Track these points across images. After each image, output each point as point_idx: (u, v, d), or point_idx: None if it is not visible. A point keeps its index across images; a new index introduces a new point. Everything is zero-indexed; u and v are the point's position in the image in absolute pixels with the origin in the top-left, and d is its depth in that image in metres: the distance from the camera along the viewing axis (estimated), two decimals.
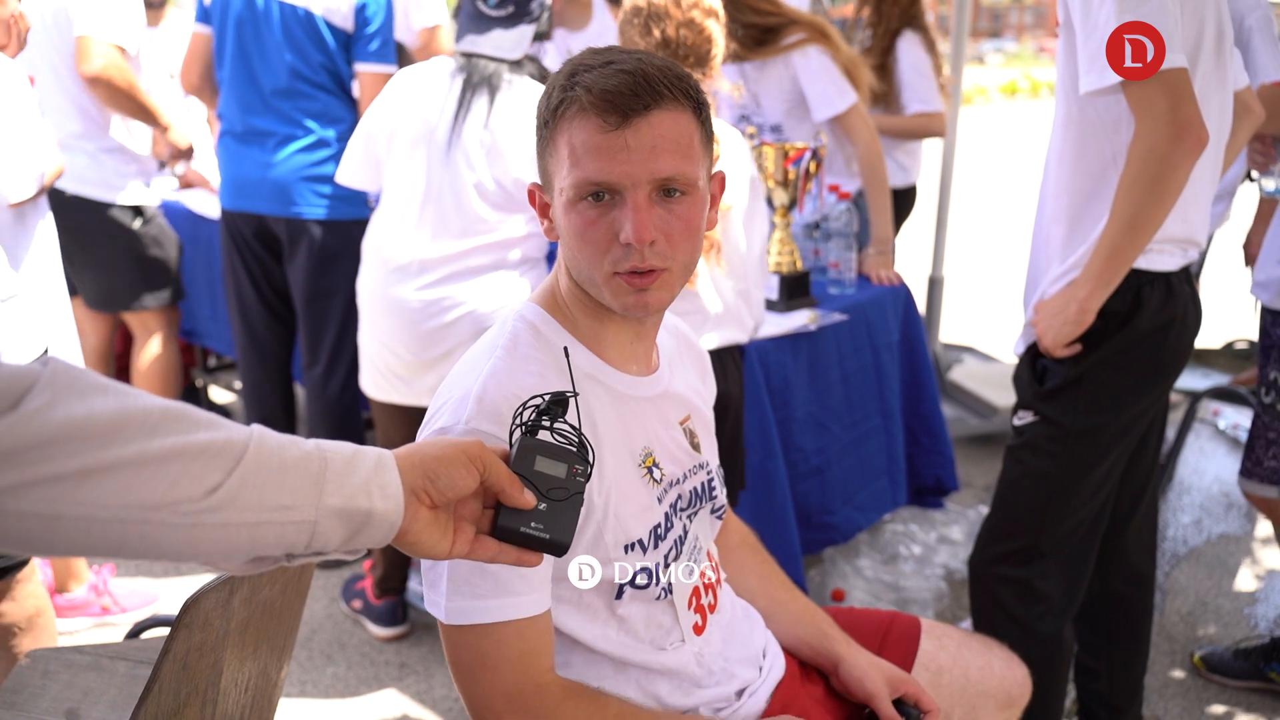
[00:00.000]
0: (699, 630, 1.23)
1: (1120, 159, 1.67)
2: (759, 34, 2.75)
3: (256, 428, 0.77)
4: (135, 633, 1.75)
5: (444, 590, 1.06)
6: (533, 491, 0.87)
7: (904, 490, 2.69)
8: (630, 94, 1.02)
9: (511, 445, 0.91)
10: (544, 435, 0.92)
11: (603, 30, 3.59)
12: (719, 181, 1.18)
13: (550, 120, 1.08)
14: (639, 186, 1.04)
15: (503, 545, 0.88)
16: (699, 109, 1.09)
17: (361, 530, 0.79)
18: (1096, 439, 1.80)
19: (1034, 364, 1.85)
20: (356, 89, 2.81)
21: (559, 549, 0.88)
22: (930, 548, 3.00)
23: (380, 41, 2.72)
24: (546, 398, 0.92)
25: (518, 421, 0.91)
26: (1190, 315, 1.80)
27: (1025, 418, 1.87)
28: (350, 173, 2.45)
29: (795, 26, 2.75)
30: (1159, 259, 1.73)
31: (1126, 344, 1.74)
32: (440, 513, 0.85)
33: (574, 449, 0.91)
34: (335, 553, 0.81)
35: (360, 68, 2.73)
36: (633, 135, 1.03)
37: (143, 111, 2.95)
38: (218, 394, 4.10)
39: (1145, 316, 1.73)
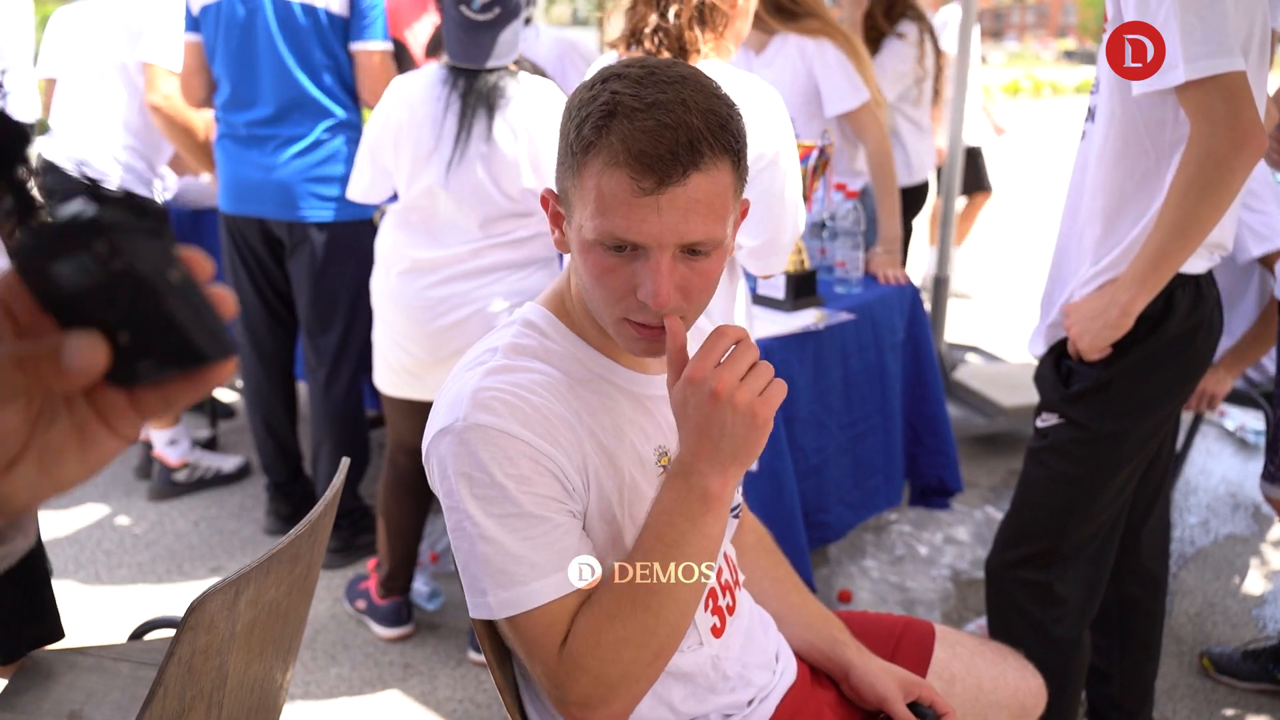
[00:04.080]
0: (717, 632, 1.21)
1: (1164, 160, 1.63)
2: (788, 3, 2.73)
3: None
4: (139, 634, 1.74)
5: (472, 587, 1.06)
6: (91, 331, 0.47)
7: (898, 490, 2.68)
8: (670, 157, 0.96)
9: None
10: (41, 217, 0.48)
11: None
12: (743, 211, 1.13)
13: (579, 153, 1.01)
14: (665, 248, 1.00)
15: (149, 391, 0.51)
16: (738, 157, 1.04)
17: None
18: (1122, 443, 1.77)
19: (1058, 366, 1.82)
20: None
21: (204, 353, 0.49)
22: (936, 548, 2.99)
23: (373, 19, 2.69)
24: None
25: None
26: (1216, 319, 1.77)
27: (1049, 420, 1.83)
28: (362, 188, 2.43)
29: (820, 19, 2.74)
30: (1190, 262, 1.69)
31: (1156, 348, 1.71)
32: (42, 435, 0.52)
33: (79, 218, 0.46)
34: None
35: (356, 47, 2.70)
36: (667, 201, 0.98)
37: (196, 150, 3.05)
38: (219, 392, 4.09)
39: (1175, 320, 1.70)
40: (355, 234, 2.79)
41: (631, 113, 0.98)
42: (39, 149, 0.53)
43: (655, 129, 0.97)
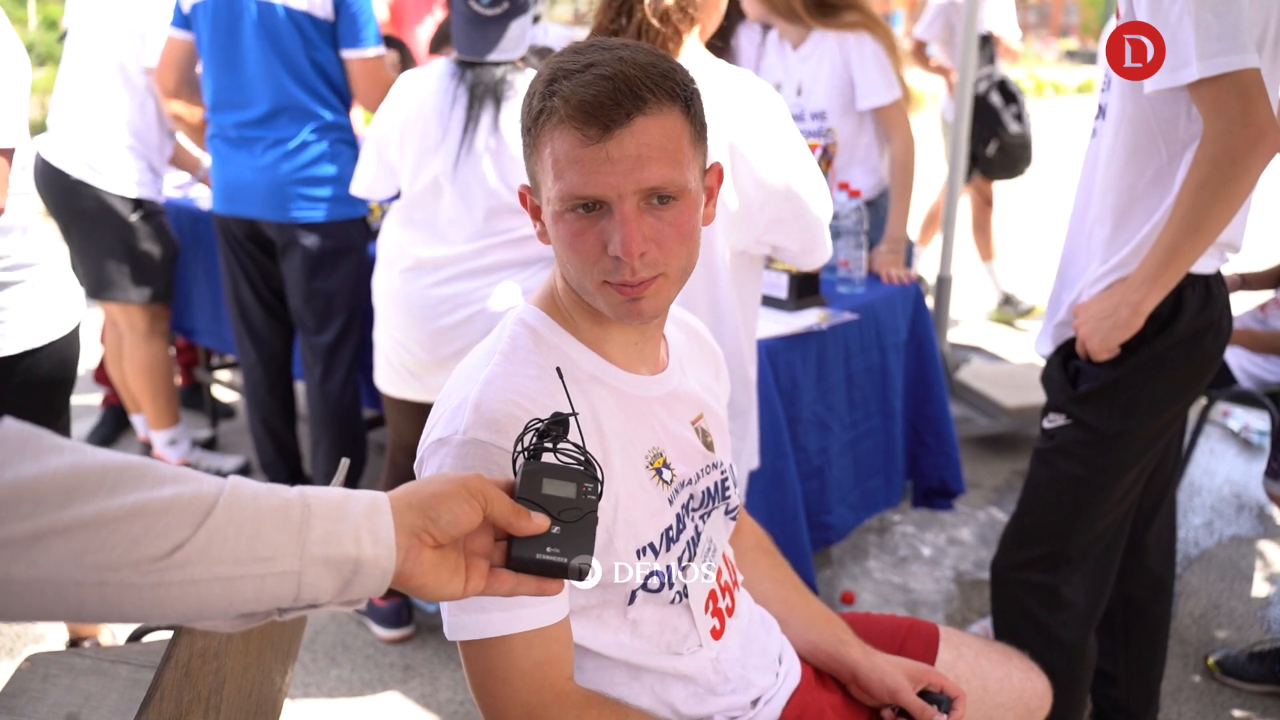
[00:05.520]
0: (717, 634, 1.20)
1: (1176, 158, 1.62)
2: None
3: (232, 479, 0.73)
4: (137, 636, 1.73)
5: (448, 605, 1.04)
6: (543, 515, 0.83)
7: (898, 491, 2.67)
8: (611, 104, 0.98)
9: (515, 473, 0.86)
10: (548, 458, 0.88)
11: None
12: (715, 174, 1.14)
13: (532, 128, 1.04)
14: (625, 198, 1.00)
15: (520, 576, 0.83)
16: (688, 105, 1.04)
17: (353, 579, 0.74)
18: (1130, 444, 1.76)
19: (1066, 366, 1.81)
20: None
21: (579, 572, 0.83)
22: (940, 549, 2.98)
23: (363, 24, 2.67)
24: (545, 420, 0.88)
25: (519, 449, 0.87)
26: (1226, 320, 1.75)
27: (1056, 420, 1.82)
28: (366, 183, 2.42)
29: (860, 12, 2.74)
30: (1200, 261, 1.67)
31: (1164, 348, 1.69)
32: (448, 552, 0.80)
33: (581, 467, 0.87)
34: (332, 604, 0.76)
35: (347, 54, 2.68)
36: (615, 147, 0.98)
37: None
38: (220, 392, 4.08)
39: (1184, 320, 1.68)
40: (346, 232, 2.78)
41: (570, 74, 1.00)
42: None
43: (593, 80, 0.99)
